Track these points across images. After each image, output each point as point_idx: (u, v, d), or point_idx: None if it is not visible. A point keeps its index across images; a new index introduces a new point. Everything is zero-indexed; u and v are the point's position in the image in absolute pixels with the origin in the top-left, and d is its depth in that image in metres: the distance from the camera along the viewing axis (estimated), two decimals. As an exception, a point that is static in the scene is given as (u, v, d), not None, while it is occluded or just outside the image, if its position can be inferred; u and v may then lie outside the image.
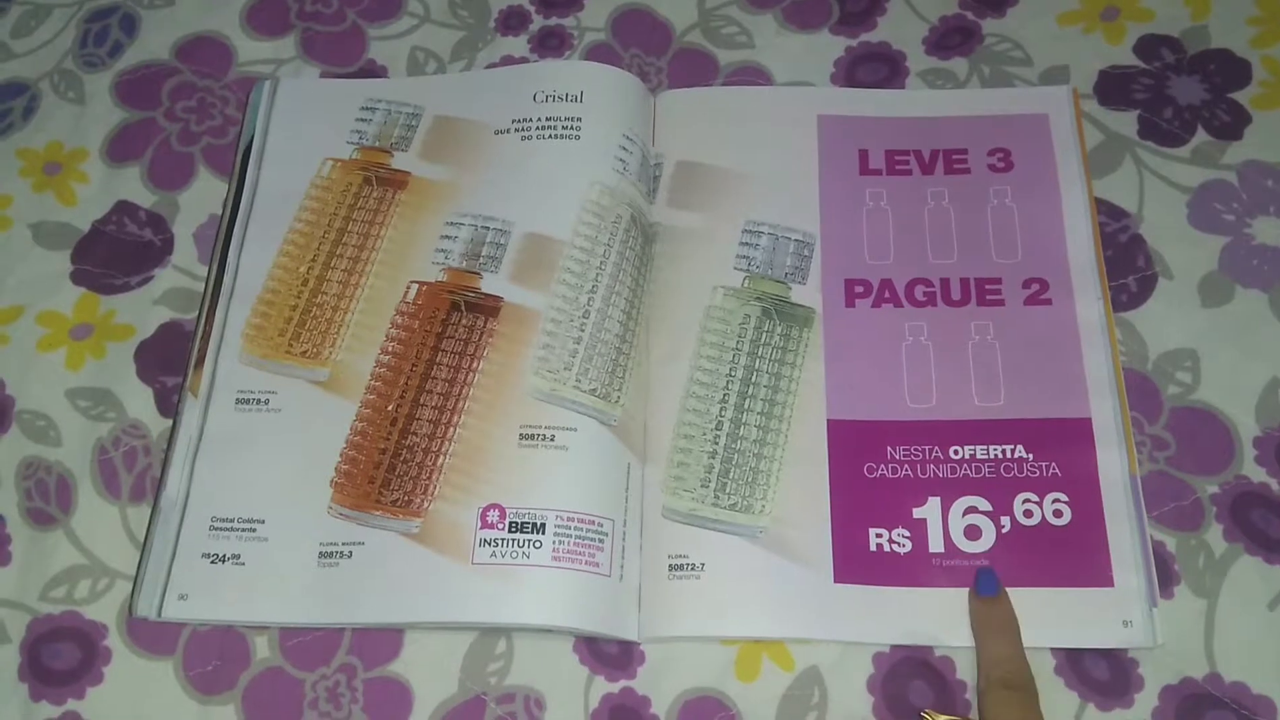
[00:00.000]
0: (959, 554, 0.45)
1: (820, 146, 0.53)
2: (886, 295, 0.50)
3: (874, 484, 0.46)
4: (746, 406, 0.48)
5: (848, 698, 0.43)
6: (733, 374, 0.49)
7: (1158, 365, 0.48)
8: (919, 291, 0.50)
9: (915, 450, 0.47)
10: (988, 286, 0.50)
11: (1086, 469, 0.46)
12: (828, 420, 0.48)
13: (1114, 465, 0.46)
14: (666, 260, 0.52)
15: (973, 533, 0.45)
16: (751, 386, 0.48)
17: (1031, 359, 0.48)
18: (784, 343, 0.49)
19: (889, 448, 0.47)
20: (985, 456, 0.46)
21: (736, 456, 0.47)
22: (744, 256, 0.51)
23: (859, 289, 0.50)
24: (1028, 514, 0.45)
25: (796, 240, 0.51)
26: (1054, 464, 0.46)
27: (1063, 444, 0.46)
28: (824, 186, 0.53)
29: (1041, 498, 0.45)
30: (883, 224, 0.52)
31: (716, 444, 0.47)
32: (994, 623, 0.43)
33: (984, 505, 0.45)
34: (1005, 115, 0.53)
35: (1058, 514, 0.45)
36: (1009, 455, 0.46)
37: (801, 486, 0.47)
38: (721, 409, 0.48)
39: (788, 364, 0.49)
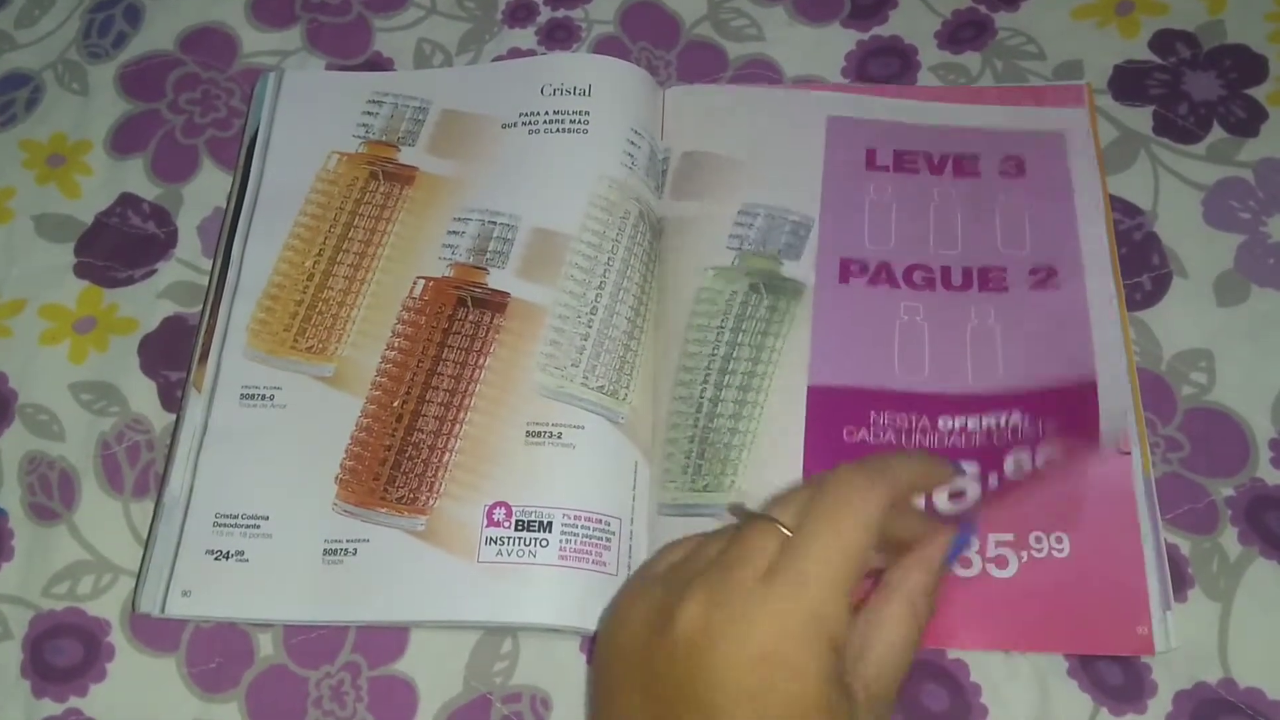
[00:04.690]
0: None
1: (827, 143, 0.53)
2: (883, 276, 0.48)
3: (853, 448, 0.45)
4: (725, 383, 0.47)
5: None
6: (715, 353, 0.47)
7: (1172, 365, 0.47)
8: (918, 276, 0.48)
9: (901, 418, 0.45)
10: (991, 274, 0.48)
11: (1087, 427, 0.43)
12: (808, 387, 0.46)
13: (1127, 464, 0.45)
14: (671, 253, 0.51)
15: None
16: (732, 362, 0.47)
17: (1035, 341, 0.46)
18: (769, 314, 0.48)
19: (873, 412, 0.45)
20: (976, 428, 0.44)
21: (711, 435, 0.46)
22: (737, 236, 0.50)
23: (855, 267, 0.49)
24: (1019, 468, 0.43)
25: (794, 221, 0.50)
26: (1052, 421, 0.43)
27: (1063, 408, 0.43)
28: (828, 178, 0.51)
29: (1034, 454, 0.43)
30: (886, 215, 0.50)
31: (696, 427, 0.47)
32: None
33: (971, 469, 0.43)
34: (1020, 131, 0.52)
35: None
36: (1003, 424, 0.44)
37: (775, 458, 0.45)
38: (703, 390, 0.47)
39: (771, 334, 0.47)
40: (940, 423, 0.45)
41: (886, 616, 0.36)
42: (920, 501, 0.40)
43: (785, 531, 0.35)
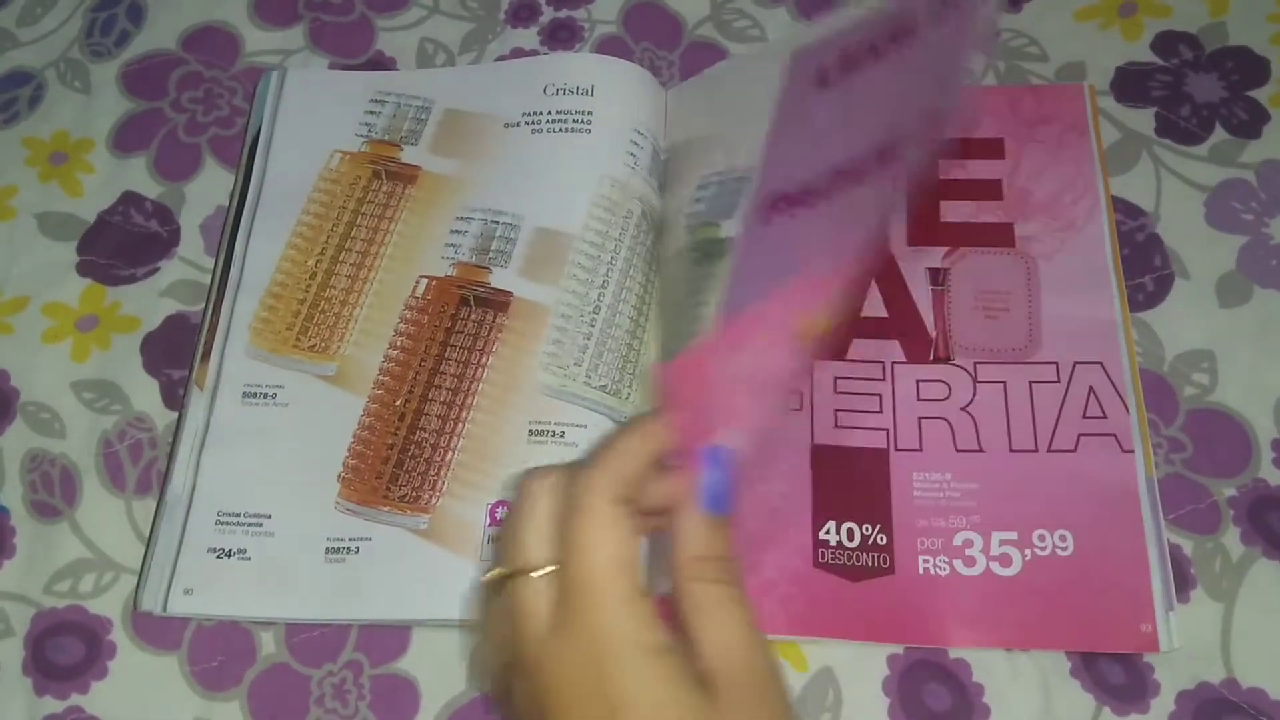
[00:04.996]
0: None
1: (788, 80, 0.50)
2: (804, 200, 0.46)
3: None
4: None
5: (863, 699, 0.43)
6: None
7: (1174, 366, 0.48)
8: (838, 180, 0.46)
9: None
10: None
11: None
12: None
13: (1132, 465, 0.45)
14: (670, 251, 0.51)
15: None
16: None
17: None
18: (709, 285, 0.47)
19: None
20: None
21: None
22: (694, 214, 0.49)
23: (779, 203, 0.47)
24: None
25: (736, 179, 0.49)
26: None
27: None
28: (776, 118, 0.49)
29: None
30: (822, 133, 0.48)
31: None
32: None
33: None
34: None
35: None
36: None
37: None
38: None
39: (709, 304, 0.46)
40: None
41: (688, 596, 0.33)
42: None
43: (543, 572, 0.33)
